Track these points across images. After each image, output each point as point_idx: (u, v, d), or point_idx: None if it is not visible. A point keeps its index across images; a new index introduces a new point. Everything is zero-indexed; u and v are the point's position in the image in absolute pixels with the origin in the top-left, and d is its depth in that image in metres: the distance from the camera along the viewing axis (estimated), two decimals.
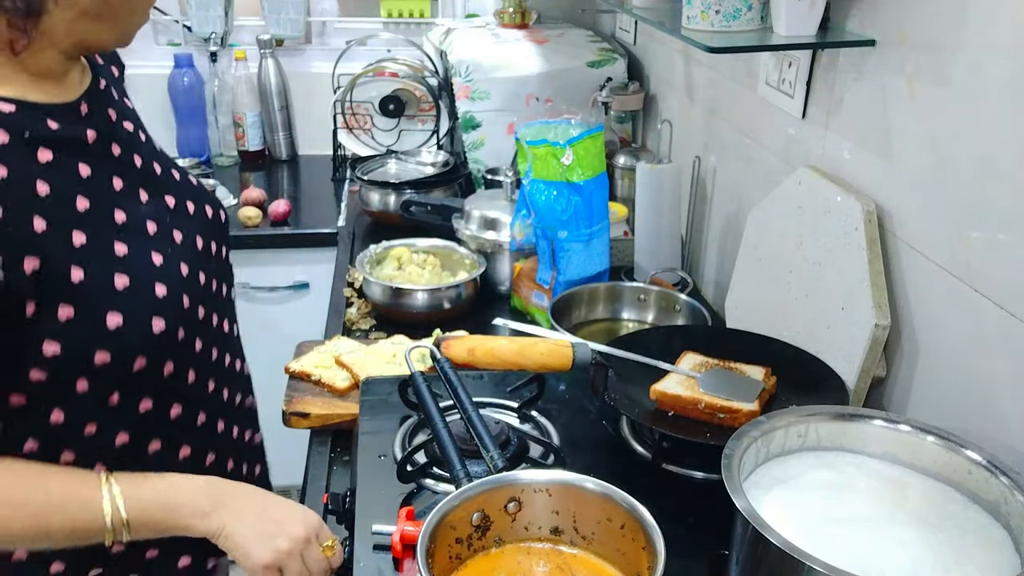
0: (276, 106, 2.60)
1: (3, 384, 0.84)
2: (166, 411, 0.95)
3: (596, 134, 1.52)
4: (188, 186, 1.06)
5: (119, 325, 0.85)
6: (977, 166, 0.93)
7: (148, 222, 0.94)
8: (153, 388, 0.92)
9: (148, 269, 0.90)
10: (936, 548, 0.77)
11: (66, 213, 0.84)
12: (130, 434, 0.92)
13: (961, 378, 0.98)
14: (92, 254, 0.85)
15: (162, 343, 0.90)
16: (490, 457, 0.95)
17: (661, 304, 1.54)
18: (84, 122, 0.89)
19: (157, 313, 0.89)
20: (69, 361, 0.83)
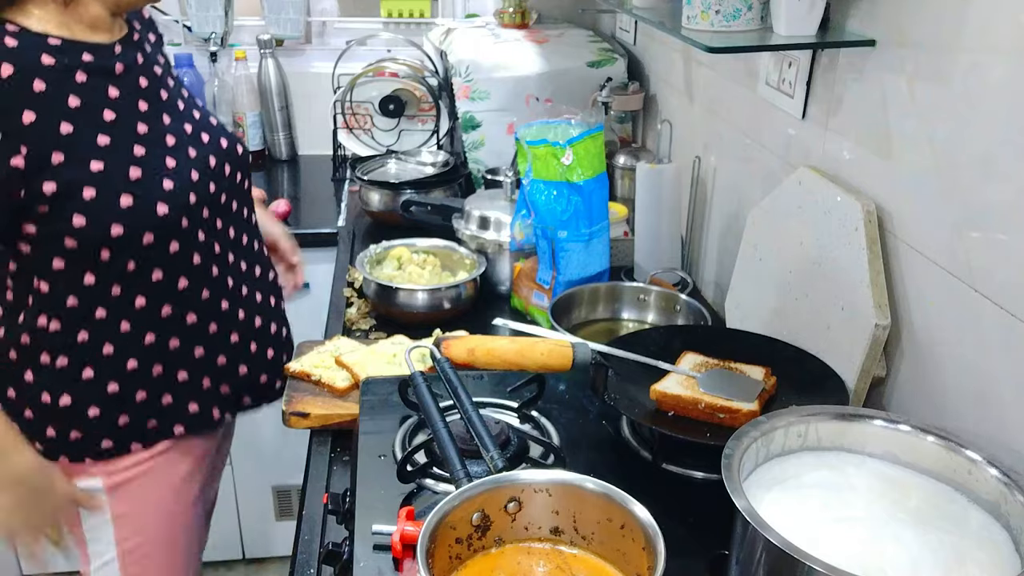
0: (276, 106, 2.60)
1: (46, 250, 1.11)
2: (174, 282, 1.20)
3: (596, 134, 1.52)
4: (206, 121, 1.29)
5: (130, 205, 1.10)
6: (977, 166, 0.93)
7: (168, 135, 1.18)
8: (162, 262, 1.17)
9: (160, 168, 1.15)
10: (936, 548, 0.77)
11: (92, 121, 1.09)
12: (146, 298, 1.18)
13: (961, 378, 0.98)
14: (113, 152, 1.10)
15: (166, 224, 1.14)
16: (490, 457, 0.95)
17: (661, 304, 1.54)
18: (116, 58, 1.14)
19: (163, 200, 1.13)
20: (92, 231, 1.09)
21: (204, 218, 1.22)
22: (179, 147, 1.19)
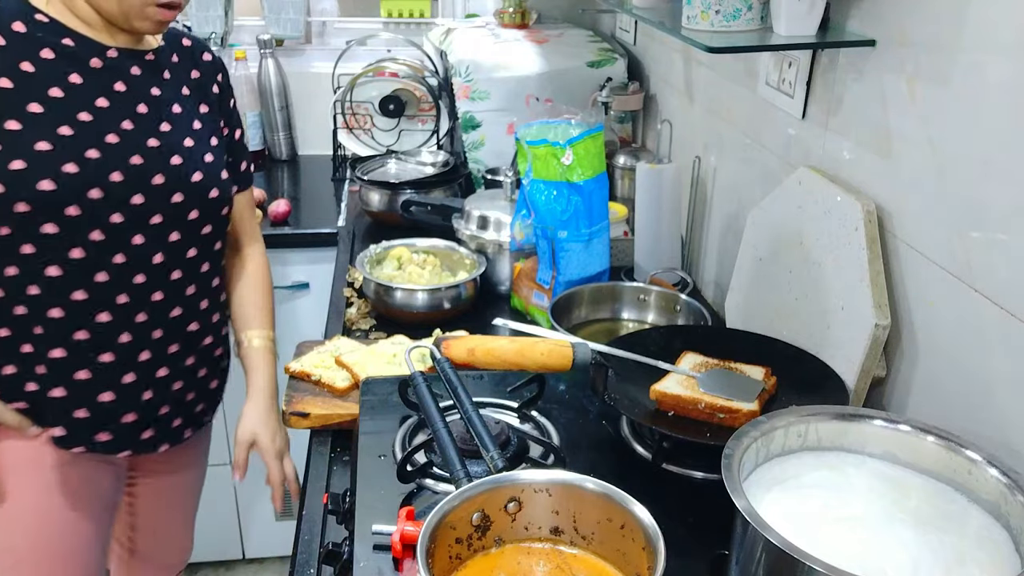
0: (276, 106, 2.60)
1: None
2: (42, 265, 1.16)
3: (596, 134, 1.52)
4: (189, 152, 1.27)
5: (18, 169, 1.11)
6: (977, 166, 0.93)
7: (113, 135, 1.18)
8: (35, 239, 1.15)
9: (75, 152, 1.14)
10: (936, 548, 0.77)
11: (34, 89, 1.13)
12: (18, 269, 1.16)
13: (961, 378, 0.98)
14: (36, 122, 1.13)
15: (42, 200, 1.12)
16: (490, 457, 0.95)
17: (661, 304, 1.54)
18: (101, 56, 1.18)
19: (52, 178, 1.13)
20: None
21: (110, 221, 1.17)
22: (119, 148, 1.18)
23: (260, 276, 1.48)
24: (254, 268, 1.48)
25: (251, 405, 1.37)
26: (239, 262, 1.47)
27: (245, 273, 1.46)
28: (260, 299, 1.46)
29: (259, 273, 1.48)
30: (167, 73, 1.27)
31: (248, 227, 1.49)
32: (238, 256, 1.47)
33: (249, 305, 1.44)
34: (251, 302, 1.45)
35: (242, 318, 1.44)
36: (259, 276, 1.48)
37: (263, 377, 1.39)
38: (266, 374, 1.40)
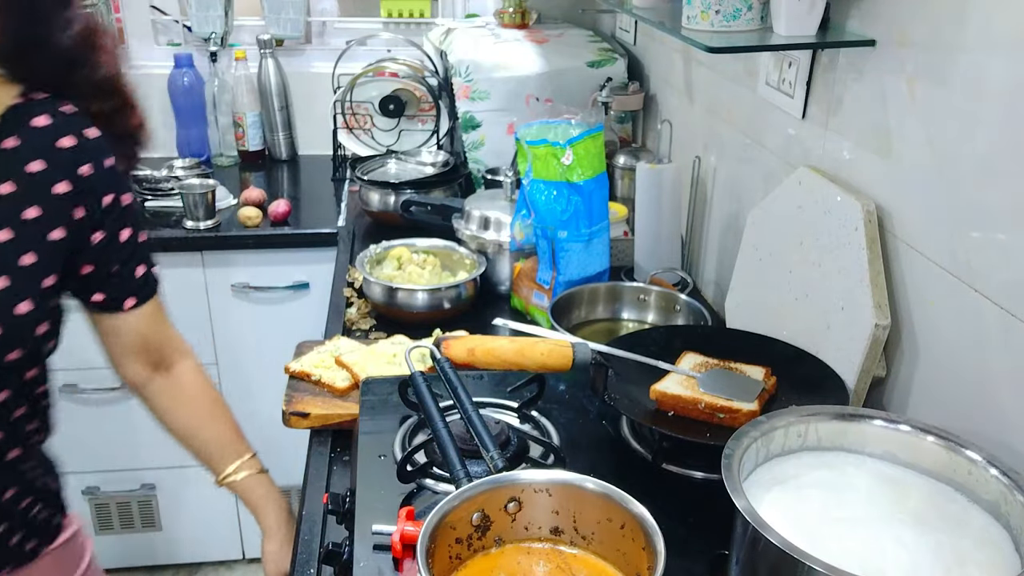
0: (276, 106, 2.60)
1: None
2: None
3: (596, 134, 1.52)
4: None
5: None
6: (977, 166, 0.93)
7: None
8: None
9: None
10: (936, 548, 0.77)
11: None
12: None
13: (961, 378, 0.98)
14: None
15: None
16: (490, 457, 0.95)
17: (661, 304, 1.54)
18: None
19: None
20: None
21: None
22: None
23: (205, 397, 1.24)
24: (199, 390, 1.23)
25: (272, 543, 1.22)
26: (171, 387, 1.21)
27: (188, 399, 1.22)
28: (219, 425, 1.23)
29: (202, 394, 1.24)
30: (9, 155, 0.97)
31: (166, 343, 1.20)
32: (167, 379, 1.21)
33: (213, 436, 1.23)
34: (210, 434, 1.23)
35: (208, 455, 1.23)
36: (204, 397, 1.24)
37: (273, 510, 1.22)
38: (274, 507, 1.23)
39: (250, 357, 2.25)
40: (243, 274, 2.19)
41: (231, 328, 2.25)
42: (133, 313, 1.14)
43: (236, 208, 2.25)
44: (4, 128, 0.98)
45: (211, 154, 2.63)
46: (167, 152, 2.61)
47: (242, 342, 2.26)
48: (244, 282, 2.19)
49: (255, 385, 2.22)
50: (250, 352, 2.24)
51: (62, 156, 1.00)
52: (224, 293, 2.20)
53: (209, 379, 1.26)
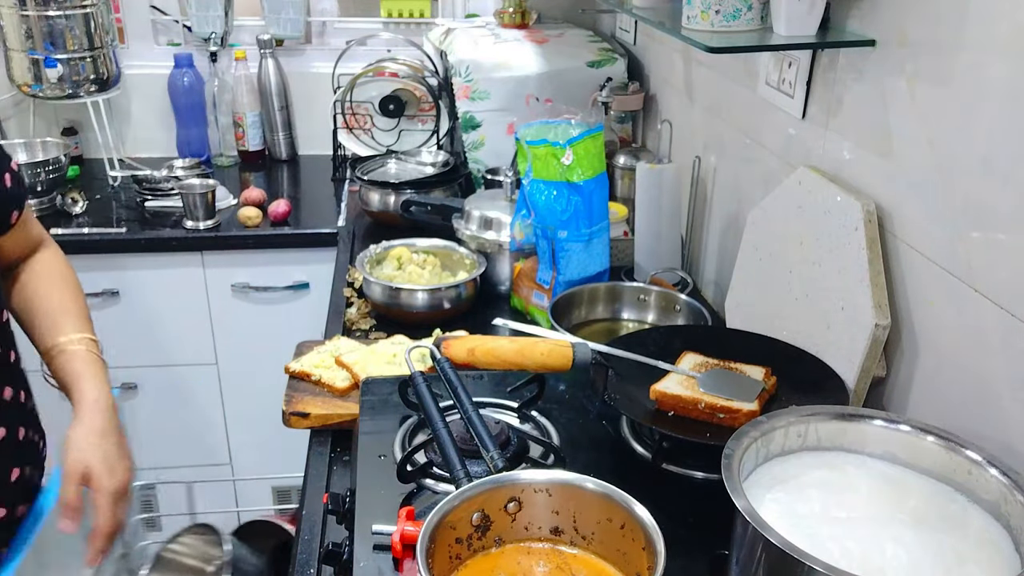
0: (276, 106, 2.60)
1: None
2: None
3: (596, 134, 1.52)
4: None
5: None
6: (977, 166, 0.93)
7: None
8: None
9: None
10: (936, 548, 0.77)
11: None
12: None
13: (961, 378, 0.98)
14: None
15: None
16: (490, 457, 0.95)
17: (661, 304, 1.54)
18: None
19: None
20: None
21: None
22: None
23: (57, 271, 1.15)
24: (46, 264, 1.15)
25: (80, 426, 1.04)
26: (25, 266, 1.15)
27: (34, 272, 1.14)
28: (63, 295, 1.13)
29: (54, 268, 1.15)
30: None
31: (30, 239, 1.16)
32: (27, 264, 1.16)
33: (48, 305, 1.11)
34: (50, 302, 1.11)
35: (43, 325, 1.10)
36: (55, 271, 1.15)
37: (92, 387, 1.06)
38: (95, 383, 1.07)
39: (250, 357, 2.25)
40: (243, 274, 2.19)
41: (231, 328, 2.25)
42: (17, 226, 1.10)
43: (236, 208, 2.25)
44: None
45: (211, 154, 2.63)
46: (167, 152, 2.62)
47: (242, 342, 2.26)
48: (244, 282, 2.19)
49: (255, 385, 2.22)
50: (250, 352, 2.24)
51: None
52: (224, 293, 2.20)
53: (65, 263, 1.18)
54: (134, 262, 2.15)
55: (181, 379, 2.29)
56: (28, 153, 2.32)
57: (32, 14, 2.20)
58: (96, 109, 2.36)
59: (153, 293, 2.18)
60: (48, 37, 2.23)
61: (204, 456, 2.37)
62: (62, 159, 2.23)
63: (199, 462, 2.36)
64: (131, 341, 2.17)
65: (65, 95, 2.32)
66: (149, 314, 2.20)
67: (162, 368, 2.26)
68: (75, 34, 2.26)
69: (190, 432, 2.32)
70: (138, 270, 2.16)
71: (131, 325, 2.18)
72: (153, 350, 2.24)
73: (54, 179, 2.21)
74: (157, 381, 2.26)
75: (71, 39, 2.26)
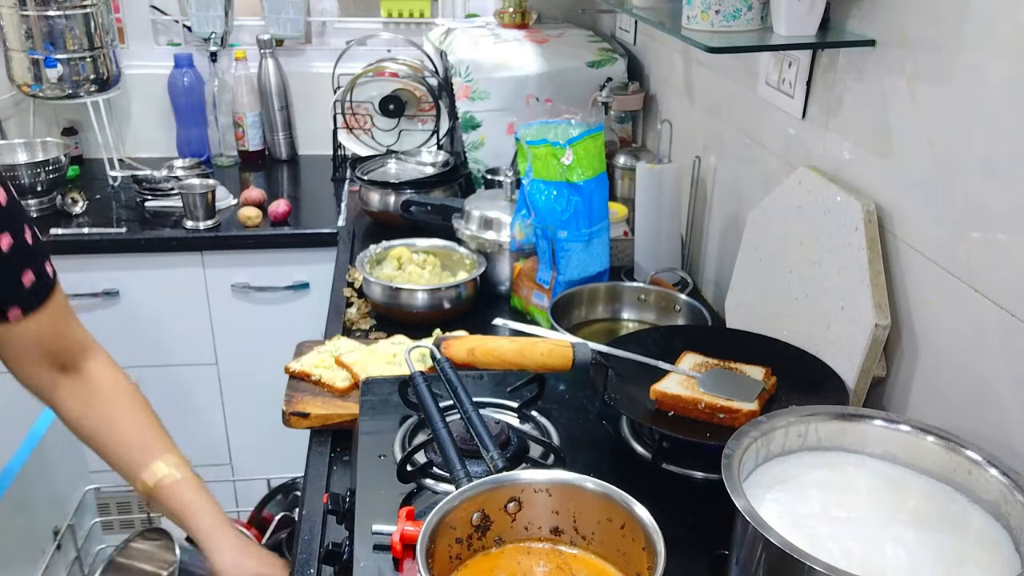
0: (276, 106, 2.60)
1: None
2: None
3: (596, 134, 1.52)
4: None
5: None
6: (977, 166, 0.93)
7: None
8: None
9: None
10: (936, 548, 0.77)
11: None
12: None
13: (961, 378, 0.98)
14: None
15: None
16: (490, 457, 0.95)
17: (661, 304, 1.54)
18: None
19: None
20: None
21: None
22: None
23: (125, 392, 1.12)
24: (111, 385, 1.12)
25: (221, 555, 1.06)
26: (83, 387, 1.10)
27: (102, 398, 1.10)
28: (143, 419, 1.11)
29: (121, 389, 1.12)
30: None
31: (70, 345, 1.10)
32: (76, 381, 1.10)
33: (132, 434, 1.10)
34: (129, 434, 1.10)
35: (130, 455, 1.09)
36: (124, 393, 1.12)
37: (208, 514, 1.08)
38: (208, 508, 1.09)
39: (250, 357, 2.25)
40: (243, 274, 2.19)
41: (231, 328, 2.25)
42: (23, 322, 1.03)
43: (236, 208, 2.25)
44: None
45: (211, 154, 2.63)
46: (167, 152, 2.62)
47: (242, 342, 2.26)
48: (244, 282, 2.19)
49: (255, 385, 2.22)
50: (250, 352, 2.24)
51: None
52: (224, 293, 2.20)
53: (123, 373, 1.14)
54: (134, 262, 2.15)
55: (181, 379, 2.29)
56: (28, 153, 2.32)
57: (32, 14, 2.21)
58: (96, 109, 2.36)
59: (153, 293, 2.18)
60: (48, 37, 2.24)
61: (204, 456, 2.35)
62: (62, 159, 2.23)
63: (199, 462, 2.33)
64: (131, 341, 2.17)
65: (65, 95, 2.32)
66: (149, 314, 2.20)
67: (162, 368, 2.26)
68: (75, 34, 2.26)
69: (190, 432, 2.30)
70: (138, 270, 2.16)
71: (131, 325, 2.18)
72: (153, 350, 2.24)
73: (54, 179, 2.22)
74: (157, 381, 2.25)
75: (71, 39, 2.26)
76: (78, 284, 2.13)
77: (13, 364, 1.07)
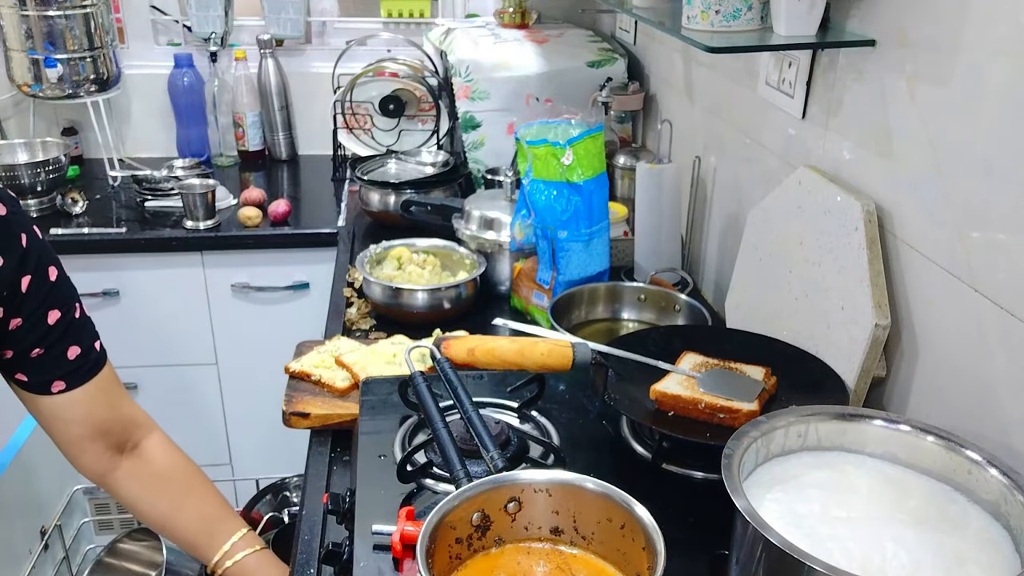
0: (276, 106, 2.60)
1: None
2: None
3: (596, 134, 1.52)
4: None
5: None
6: (977, 166, 0.93)
7: None
8: None
9: None
10: (936, 548, 0.77)
11: None
12: None
13: (961, 378, 0.98)
14: None
15: None
16: (490, 457, 0.95)
17: (661, 304, 1.54)
18: None
19: None
20: None
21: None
22: None
23: (182, 474, 1.12)
24: (171, 465, 1.12)
25: None
26: (140, 470, 1.09)
27: (164, 481, 1.10)
28: (202, 504, 1.11)
29: (177, 471, 1.11)
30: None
31: (124, 422, 1.09)
32: (134, 462, 1.10)
33: (192, 521, 1.10)
34: (192, 515, 1.10)
35: (195, 541, 1.10)
36: (181, 475, 1.12)
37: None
38: None
39: (250, 357, 2.25)
40: (243, 274, 2.19)
41: (231, 328, 2.25)
42: (68, 396, 1.02)
43: (236, 208, 2.25)
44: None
45: (211, 154, 2.63)
46: (167, 152, 2.62)
47: (242, 342, 2.26)
48: (244, 282, 2.19)
49: (255, 385, 2.22)
50: (250, 352, 2.24)
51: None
52: (224, 293, 2.20)
53: (181, 452, 1.14)
54: (134, 262, 2.15)
55: (181, 379, 2.29)
56: (28, 153, 2.32)
57: (32, 14, 2.21)
58: (96, 109, 2.37)
59: (153, 293, 2.19)
60: (48, 37, 2.24)
61: (204, 456, 2.33)
62: (62, 159, 2.23)
63: (199, 462, 2.33)
64: (131, 341, 2.18)
65: (65, 95, 2.32)
66: (149, 314, 2.20)
67: (162, 368, 2.26)
68: (75, 34, 2.26)
69: (190, 432, 2.31)
70: (138, 270, 2.16)
71: (131, 325, 2.18)
72: (153, 350, 2.24)
73: (54, 179, 2.22)
74: (157, 381, 2.26)
75: (71, 39, 2.26)
76: (78, 284, 2.11)
77: (65, 443, 1.06)
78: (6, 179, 2.14)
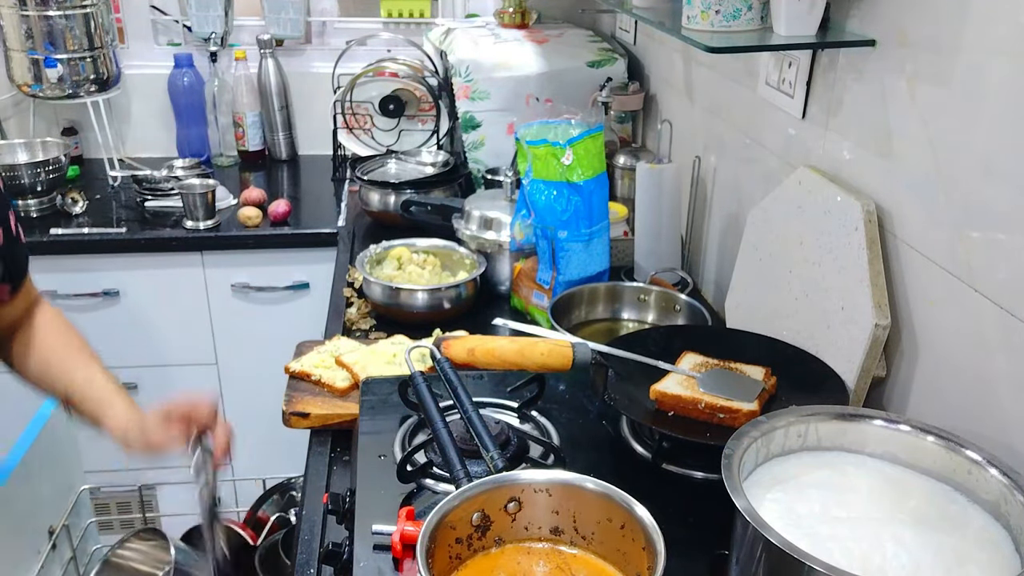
0: (276, 106, 2.60)
1: None
2: None
3: (596, 134, 1.52)
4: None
5: None
6: (977, 166, 0.93)
7: None
8: None
9: None
10: (936, 548, 0.77)
11: None
12: None
13: (961, 378, 0.98)
14: None
15: None
16: (490, 457, 0.95)
17: (661, 304, 1.54)
18: None
19: None
20: None
21: None
22: None
23: (54, 322, 1.17)
24: (44, 319, 1.16)
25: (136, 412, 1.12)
26: (25, 327, 1.16)
27: (34, 332, 1.15)
28: (72, 340, 1.15)
29: (51, 320, 1.16)
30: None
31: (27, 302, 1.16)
32: (25, 330, 1.16)
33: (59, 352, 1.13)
34: (60, 347, 1.14)
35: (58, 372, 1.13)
36: (53, 322, 1.16)
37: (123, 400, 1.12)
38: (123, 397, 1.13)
39: (250, 357, 2.25)
40: (243, 274, 2.19)
41: (231, 328, 2.25)
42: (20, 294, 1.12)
43: (236, 208, 2.25)
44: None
45: (211, 154, 2.63)
46: (167, 152, 2.62)
47: (242, 342, 2.26)
48: (244, 282, 2.19)
49: (255, 385, 2.22)
50: (250, 352, 2.24)
51: None
52: (224, 293, 2.20)
53: (60, 312, 1.19)
54: (134, 262, 2.15)
55: (181, 379, 2.28)
56: (28, 153, 2.32)
57: (32, 14, 2.21)
58: (96, 109, 2.36)
59: (153, 293, 2.19)
60: (48, 37, 2.24)
61: None
62: (62, 159, 2.23)
63: None
64: (131, 341, 2.17)
65: (65, 95, 2.32)
66: (149, 314, 2.20)
67: (162, 368, 2.26)
68: (75, 34, 2.26)
69: None
70: (138, 270, 2.16)
71: (131, 325, 2.18)
72: (153, 350, 2.24)
73: (54, 179, 2.22)
74: (157, 381, 2.26)
75: (71, 39, 2.26)
76: (78, 284, 2.13)
77: None
78: (6, 179, 2.14)
